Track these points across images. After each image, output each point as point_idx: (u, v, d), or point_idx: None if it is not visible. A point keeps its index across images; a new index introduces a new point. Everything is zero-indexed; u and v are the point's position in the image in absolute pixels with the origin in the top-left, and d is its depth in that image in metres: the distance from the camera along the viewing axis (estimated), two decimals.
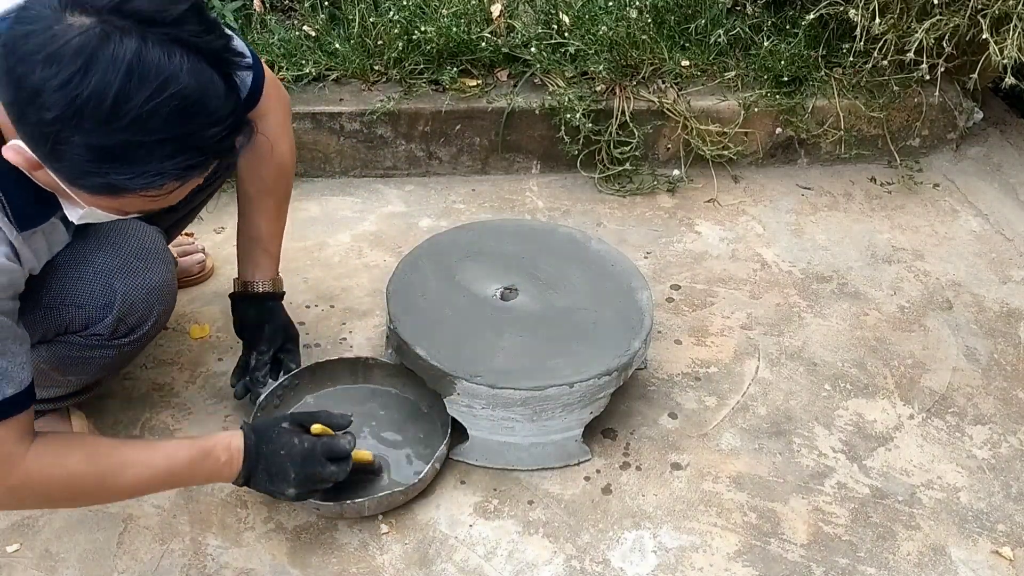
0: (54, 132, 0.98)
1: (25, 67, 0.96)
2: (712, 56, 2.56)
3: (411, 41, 2.41)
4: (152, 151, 1.00)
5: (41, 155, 1.02)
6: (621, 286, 1.82)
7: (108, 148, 0.99)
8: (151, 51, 0.97)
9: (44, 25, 0.96)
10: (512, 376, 1.61)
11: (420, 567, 1.55)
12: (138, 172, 1.01)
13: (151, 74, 0.96)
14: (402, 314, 1.73)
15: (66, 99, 0.95)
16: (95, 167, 1.01)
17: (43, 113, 0.97)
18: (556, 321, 1.73)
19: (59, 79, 0.95)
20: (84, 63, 0.95)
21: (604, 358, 1.66)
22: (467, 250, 1.88)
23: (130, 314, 1.45)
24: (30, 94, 0.96)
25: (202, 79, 0.99)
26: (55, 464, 1.22)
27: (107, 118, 0.97)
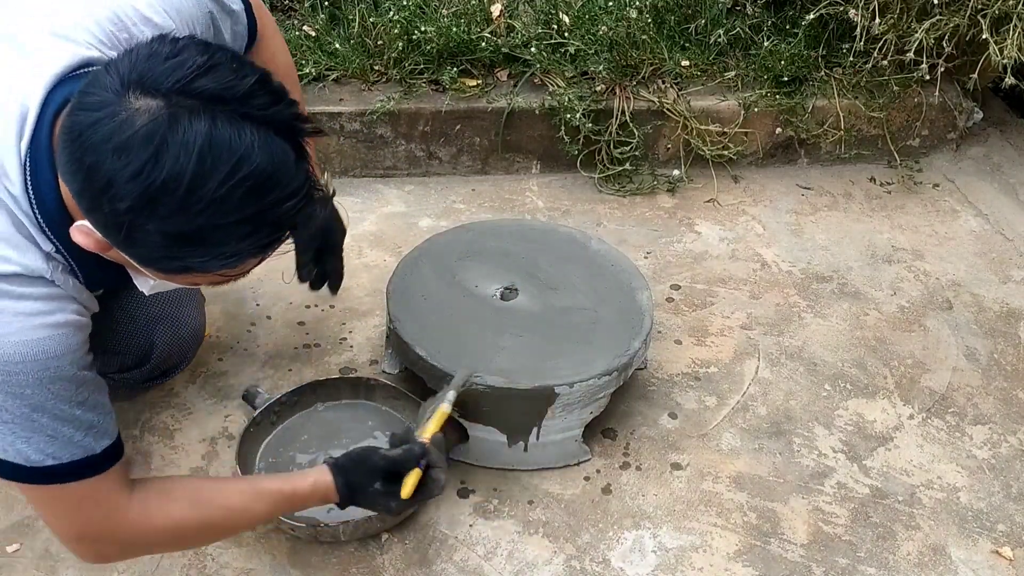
0: (127, 221, 0.95)
1: (94, 157, 0.93)
2: (712, 56, 2.56)
3: (411, 41, 2.41)
4: (229, 232, 0.97)
5: (114, 241, 1.00)
6: (621, 286, 1.82)
7: (184, 234, 0.96)
8: (221, 131, 0.93)
9: (110, 112, 0.93)
10: (512, 375, 1.61)
11: (420, 567, 1.55)
12: (215, 254, 0.99)
13: (223, 156, 0.93)
14: (402, 314, 1.73)
15: (139, 189, 0.92)
16: (171, 252, 0.99)
17: (116, 204, 0.94)
18: (556, 321, 1.73)
19: (131, 169, 0.92)
20: (155, 151, 0.92)
21: (604, 358, 1.66)
22: (467, 250, 1.88)
23: (166, 361, 1.48)
24: (102, 185, 0.94)
25: (274, 154, 0.96)
26: (160, 513, 1.23)
27: (182, 205, 0.94)
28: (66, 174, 0.98)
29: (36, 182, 1.04)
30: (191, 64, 0.95)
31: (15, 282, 1.04)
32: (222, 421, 1.77)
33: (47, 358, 1.06)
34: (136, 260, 1.02)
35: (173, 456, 1.69)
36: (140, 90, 0.94)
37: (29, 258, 1.05)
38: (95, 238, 1.02)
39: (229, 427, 1.75)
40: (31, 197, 1.04)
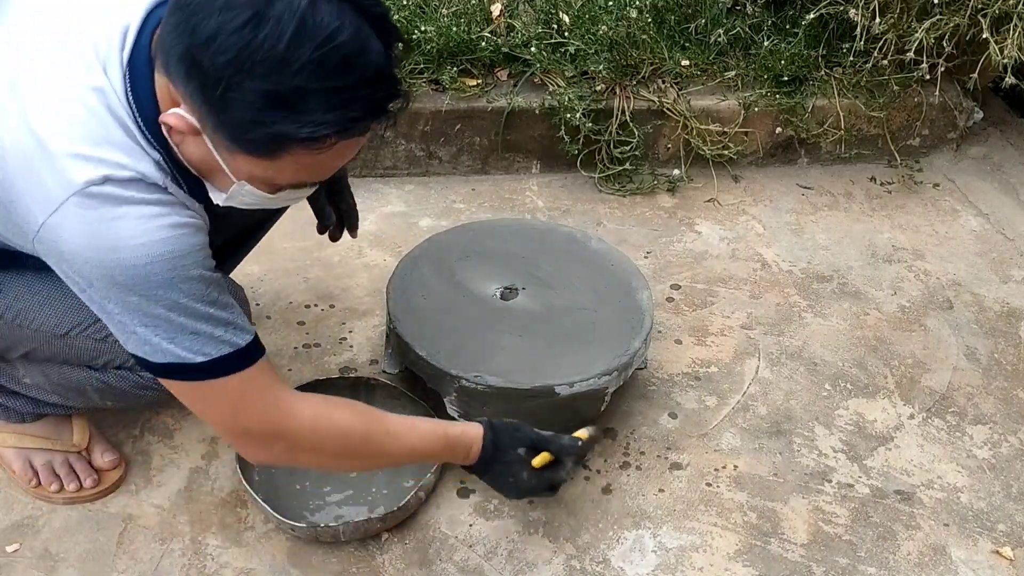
0: (226, 77, 0.99)
1: (200, 16, 0.99)
2: (712, 56, 2.56)
3: (411, 41, 2.41)
4: (319, 100, 1.01)
5: (208, 108, 1.03)
6: (621, 286, 1.82)
7: (278, 94, 1.00)
8: (322, 5, 0.99)
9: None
10: (512, 375, 1.61)
11: (420, 567, 1.55)
12: (305, 121, 1.02)
13: (321, 24, 0.98)
14: (402, 314, 1.73)
15: (241, 41, 0.97)
16: (263, 115, 1.02)
17: (216, 57, 0.98)
18: (556, 321, 1.73)
19: (235, 23, 0.97)
20: (259, 9, 0.98)
21: (604, 358, 1.66)
22: (467, 250, 1.88)
23: None
24: (205, 39, 0.98)
25: (364, 39, 1.02)
26: (325, 415, 1.27)
27: (279, 63, 0.98)
28: (169, 43, 1.02)
29: (136, 92, 1.10)
30: None
31: (133, 187, 1.09)
32: None
33: (172, 257, 1.10)
34: (226, 134, 1.05)
35: (173, 456, 1.69)
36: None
37: (143, 165, 1.10)
38: (187, 121, 1.06)
39: None
40: (132, 107, 1.10)
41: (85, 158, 1.07)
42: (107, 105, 1.09)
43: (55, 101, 1.09)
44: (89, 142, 1.08)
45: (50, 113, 1.08)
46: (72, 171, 1.06)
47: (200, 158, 1.13)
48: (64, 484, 1.58)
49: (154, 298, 1.11)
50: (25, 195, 1.08)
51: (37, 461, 1.59)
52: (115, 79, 1.09)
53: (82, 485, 1.59)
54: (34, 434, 1.59)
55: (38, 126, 1.07)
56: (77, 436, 1.62)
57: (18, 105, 1.09)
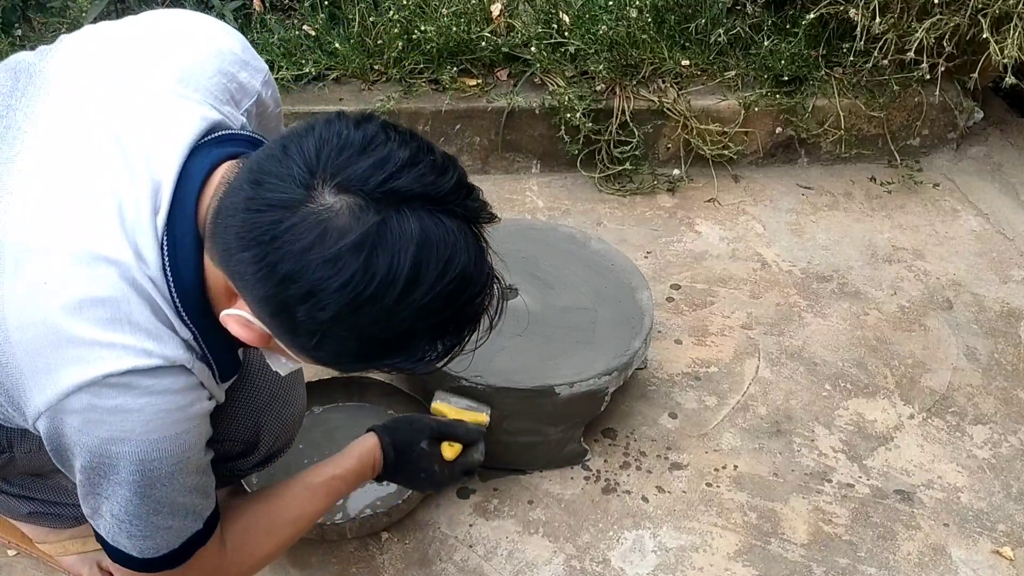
0: (325, 329, 0.88)
1: (295, 266, 0.85)
2: (712, 56, 2.56)
3: (411, 40, 2.41)
4: (425, 337, 0.92)
5: (300, 344, 0.92)
6: (621, 285, 1.82)
7: (383, 339, 0.90)
8: (430, 233, 0.86)
9: (305, 213, 0.85)
10: (512, 375, 1.61)
11: (420, 567, 1.55)
12: (407, 356, 0.93)
13: (435, 258, 0.86)
14: None
15: (346, 299, 0.85)
16: (362, 357, 0.92)
17: (316, 313, 0.86)
18: (556, 321, 1.73)
19: (340, 279, 0.84)
20: (365, 260, 0.84)
21: (604, 358, 1.66)
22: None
23: (273, 446, 1.40)
24: (302, 295, 0.86)
25: (471, 250, 0.90)
26: (248, 554, 1.21)
27: (389, 312, 0.87)
28: (246, 275, 0.88)
29: (175, 264, 0.95)
30: (395, 161, 0.87)
31: (157, 375, 0.95)
32: None
33: (183, 451, 1.00)
34: (315, 361, 0.95)
35: None
36: (337, 187, 0.85)
37: (170, 348, 0.96)
38: (256, 330, 0.94)
39: None
40: (169, 280, 0.95)
41: (106, 345, 0.92)
42: (130, 280, 0.93)
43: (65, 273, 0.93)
44: (106, 324, 0.93)
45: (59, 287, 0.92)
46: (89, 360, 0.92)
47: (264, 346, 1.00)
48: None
49: (148, 496, 1.01)
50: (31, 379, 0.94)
51: (107, 562, 1.44)
52: (145, 249, 0.94)
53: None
54: None
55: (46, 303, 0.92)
56: None
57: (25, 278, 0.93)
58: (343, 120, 0.90)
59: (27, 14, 2.46)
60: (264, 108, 1.16)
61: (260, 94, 1.13)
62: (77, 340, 0.92)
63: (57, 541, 1.46)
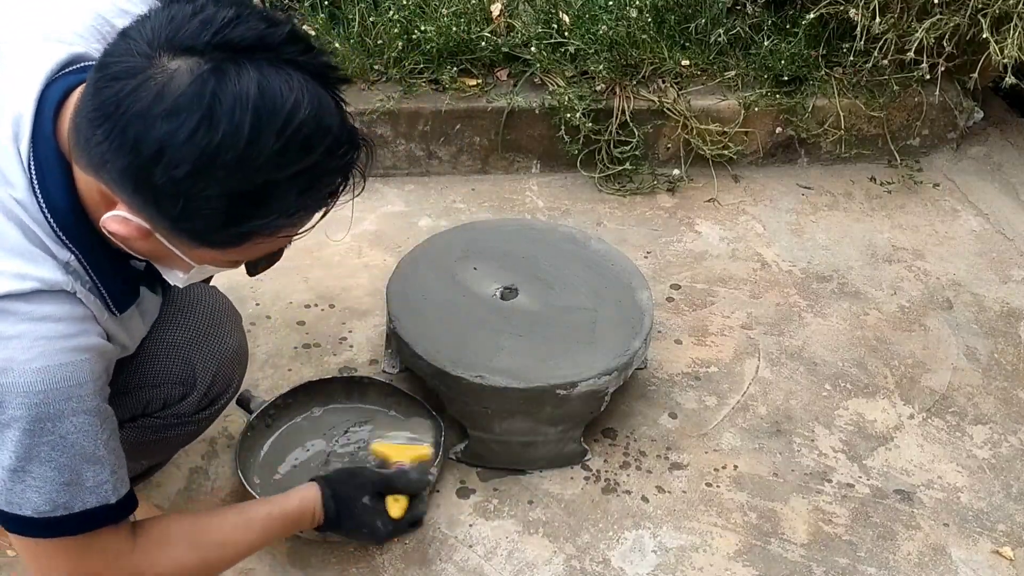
0: (185, 190, 0.88)
1: (140, 126, 0.87)
2: (712, 56, 2.56)
3: (411, 40, 2.41)
4: (288, 187, 0.92)
5: (165, 219, 0.92)
6: (621, 285, 1.82)
7: (245, 193, 0.90)
8: (270, 81, 0.88)
9: (144, 77, 0.87)
10: (512, 375, 1.61)
11: (420, 567, 1.55)
12: (276, 212, 0.93)
13: (278, 106, 0.88)
14: (402, 314, 1.73)
15: (196, 151, 0.87)
16: (231, 218, 0.92)
17: (171, 171, 0.87)
18: (556, 321, 1.73)
19: (185, 131, 0.86)
20: (208, 108, 0.86)
21: (604, 358, 1.66)
22: (467, 250, 1.88)
23: (212, 386, 1.38)
24: (153, 154, 0.87)
25: (320, 101, 0.91)
26: (163, 557, 1.17)
27: (241, 161, 0.88)
28: (103, 155, 0.90)
29: (44, 185, 0.96)
30: (221, 17, 0.90)
31: (35, 300, 0.95)
32: (221, 421, 1.76)
33: (70, 386, 0.97)
34: (191, 237, 0.95)
35: (173, 456, 1.69)
36: (172, 51, 0.88)
37: (46, 270, 0.96)
38: (134, 225, 0.94)
39: (228, 427, 1.75)
40: (40, 201, 0.96)
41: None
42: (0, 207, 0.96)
43: None
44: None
45: None
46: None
47: (150, 251, 1.00)
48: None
49: (40, 431, 0.97)
50: None
51: None
52: (14, 177, 0.96)
53: None
54: None
55: None
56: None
57: None
58: (175, 2, 0.93)
59: None
60: None
61: None
62: None
63: None
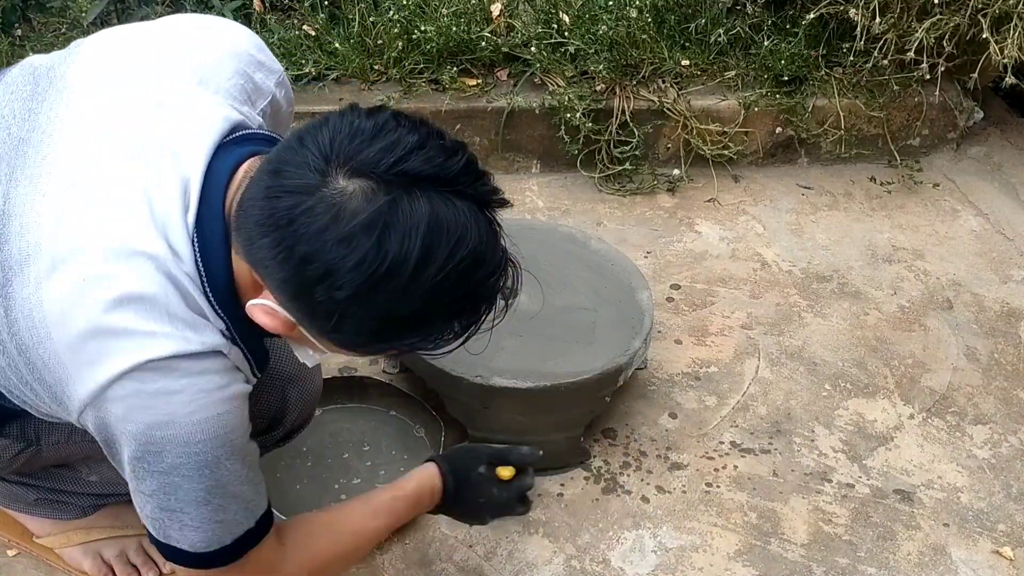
0: (342, 309, 0.91)
1: (311, 247, 0.88)
2: (712, 56, 2.56)
3: (411, 40, 2.41)
4: (442, 315, 0.95)
5: (318, 327, 0.95)
6: (621, 285, 1.82)
7: (400, 317, 0.93)
8: (440, 212, 0.90)
9: (321, 197, 0.88)
10: (513, 375, 1.61)
11: (420, 567, 1.55)
12: (424, 335, 0.96)
13: (444, 237, 0.89)
14: None
15: (362, 278, 0.88)
16: (381, 336, 0.95)
17: (333, 292, 0.89)
18: (556, 321, 1.73)
19: (354, 258, 0.88)
20: (378, 238, 0.88)
21: (604, 358, 1.66)
22: None
23: (295, 421, 1.41)
24: (319, 276, 0.89)
25: (482, 230, 0.93)
26: (308, 554, 1.21)
27: (404, 289, 0.90)
28: (266, 260, 0.92)
29: (206, 259, 0.98)
30: (403, 145, 0.91)
31: (196, 359, 0.98)
32: None
33: (226, 432, 1.01)
34: (335, 343, 0.98)
35: None
36: (350, 172, 0.89)
37: (207, 336, 0.99)
38: (280, 318, 0.97)
39: None
40: (202, 274, 0.98)
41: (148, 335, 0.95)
42: (166, 274, 0.96)
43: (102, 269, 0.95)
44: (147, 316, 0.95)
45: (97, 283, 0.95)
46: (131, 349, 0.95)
47: (290, 336, 1.02)
48: (142, 573, 1.49)
49: (199, 477, 1.01)
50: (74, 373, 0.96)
51: (108, 553, 1.48)
52: (178, 244, 0.97)
53: (162, 572, 1.50)
54: (100, 525, 1.48)
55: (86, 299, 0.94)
56: None
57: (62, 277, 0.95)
58: (356, 111, 0.94)
59: (27, 14, 2.46)
60: (278, 108, 1.20)
61: (275, 95, 1.17)
62: (119, 331, 0.94)
63: (61, 532, 1.46)
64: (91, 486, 1.40)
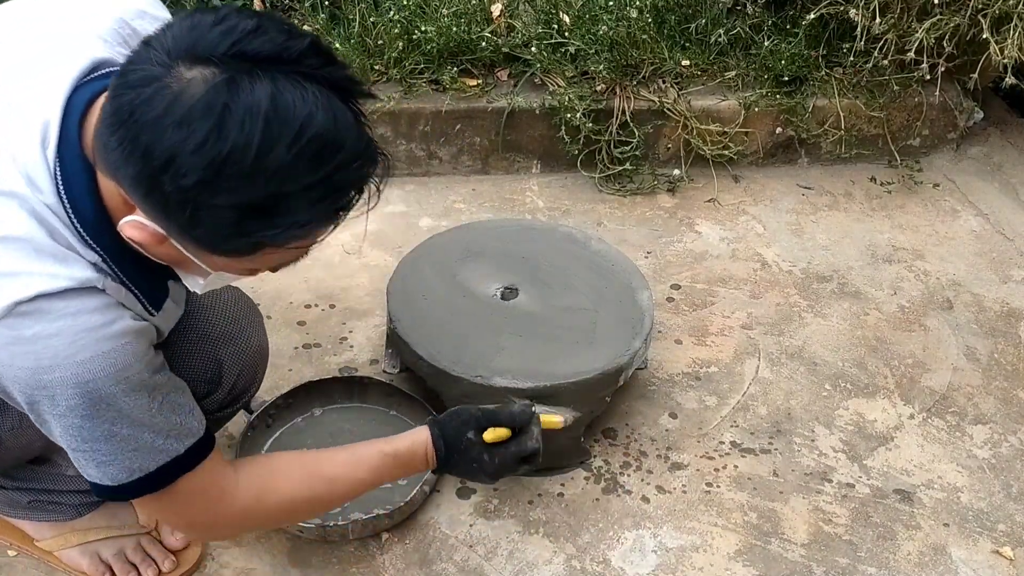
0: (192, 198, 0.90)
1: (151, 135, 0.88)
2: (712, 56, 2.56)
3: (411, 41, 2.41)
4: (299, 199, 0.93)
5: (175, 226, 0.95)
6: (621, 286, 1.82)
7: (254, 205, 0.92)
8: (284, 93, 0.89)
9: (160, 86, 0.89)
10: (513, 376, 1.61)
11: (420, 567, 1.55)
12: (287, 224, 0.94)
13: (289, 118, 0.89)
14: (402, 314, 1.73)
15: (205, 160, 0.88)
16: (241, 228, 0.93)
17: (180, 180, 0.89)
18: (556, 321, 1.73)
19: (194, 141, 0.87)
20: (218, 119, 0.87)
21: (604, 358, 1.66)
22: (467, 250, 1.88)
23: (236, 384, 1.39)
24: (162, 163, 0.89)
25: (336, 115, 0.92)
26: (269, 491, 1.21)
27: (251, 173, 0.89)
28: (117, 161, 0.92)
29: (69, 189, 0.99)
30: (241, 28, 0.91)
31: (68, 297, 0.99)
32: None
33: (118, 370, 1.01)
34: (201, 245, 0.97)
35: None
36: (190, 60, 0.89)
37: (76, 269, 1.00)
38: (149, 230, 0.97)
39: (229, 426, 1.74)
40: (66, 206, 1.00)
41: (10, 275, 0.97)
42: (30, 211, 0.99)
43: None
44: (11, 257, 0.98)
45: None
46: None
47: (168, 256, 1.04)
48: (141, 572, 1.48)
49: (97, 416, 1.03)
50: None
51: (106, 553, 1.47)
52: (40, 180, 0.99)
53: (161, 570, 1.48)
54: (96, 525, 1.48)
55: None
56: (142, 516, 1.51)
57: None
58: (199, 11, 0.95)
59: None
60: None
61: None
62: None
63: (59, 535, 1.47)
64: (71, 482, 1.40)
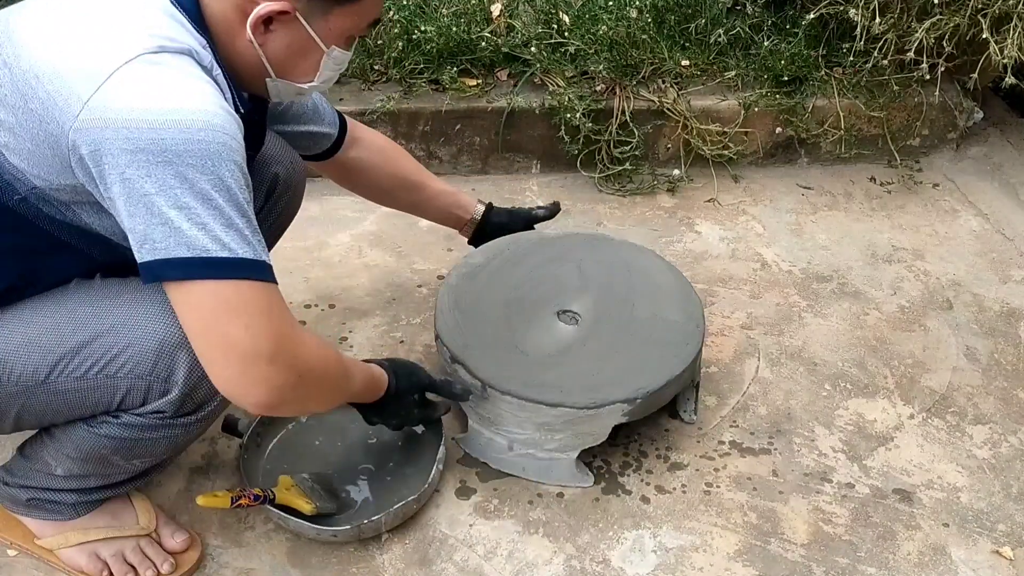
0: None
1: None
2: (712, 56, 2.56)
3: (411, 40, 2.41)
4: None
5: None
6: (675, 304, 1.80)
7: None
8: None
9: None
10: (566, 392, 1.60)
11: (420, 567, 1.55)
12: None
13: None
14: (451, 327, 1.71)
15: None
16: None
17: None
18: (610, 338, 1.71)
19: None
20: None
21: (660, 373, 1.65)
22: (521, 262, 1.86)
23: (196, 390, 1.26)
24: None
25: None
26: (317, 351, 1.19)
27: None
28: None
29: None
30: None
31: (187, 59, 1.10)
32: (221, 420, 1.76)
33: (226, 135, 1.05)
34: None
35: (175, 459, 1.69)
36: None
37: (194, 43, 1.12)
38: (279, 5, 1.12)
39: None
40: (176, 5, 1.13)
41: (136, 32, 1.07)
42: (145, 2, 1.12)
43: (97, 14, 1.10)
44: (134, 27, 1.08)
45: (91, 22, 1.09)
46: (124, 44, 1.05)
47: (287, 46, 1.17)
48: (139, 573, 1.47)
49: (201, 169, 1.03)
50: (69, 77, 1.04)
51: (105, 552, 1.47)
52: None
53: (159, 572, 1.48)
54: (96, 525, 1.47)
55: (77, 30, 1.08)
56: (143, 519, 1.51)
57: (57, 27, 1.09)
58: None
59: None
60: None
61: None
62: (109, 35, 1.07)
63: (59, 533, 1.47)
64: (62, 481, 1.40)
